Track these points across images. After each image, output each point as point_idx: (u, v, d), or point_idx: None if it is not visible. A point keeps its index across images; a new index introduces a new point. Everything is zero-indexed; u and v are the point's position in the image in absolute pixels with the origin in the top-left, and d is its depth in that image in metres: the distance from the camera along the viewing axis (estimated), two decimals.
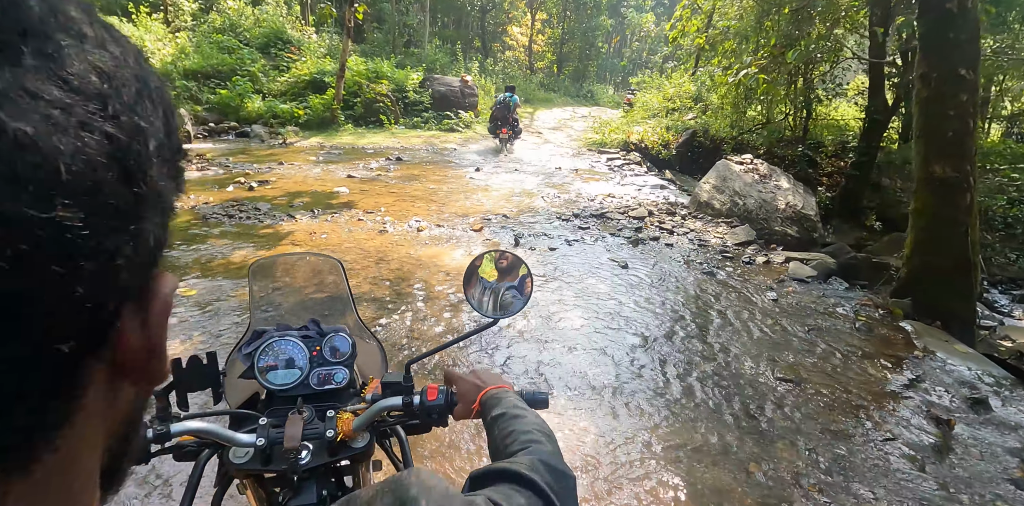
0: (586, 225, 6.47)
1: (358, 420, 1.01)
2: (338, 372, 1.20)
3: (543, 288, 4.55)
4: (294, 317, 1.42)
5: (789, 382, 3.36)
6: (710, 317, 4.25)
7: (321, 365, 1.20)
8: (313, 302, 1.51)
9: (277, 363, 1.16)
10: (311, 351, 1.20)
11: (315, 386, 1.17)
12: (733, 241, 6.31)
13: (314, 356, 1.20)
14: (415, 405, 0.99)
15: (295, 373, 1.16)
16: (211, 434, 0.97)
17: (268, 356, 1.16)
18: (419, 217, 6.36)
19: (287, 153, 10.70)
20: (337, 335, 1.23)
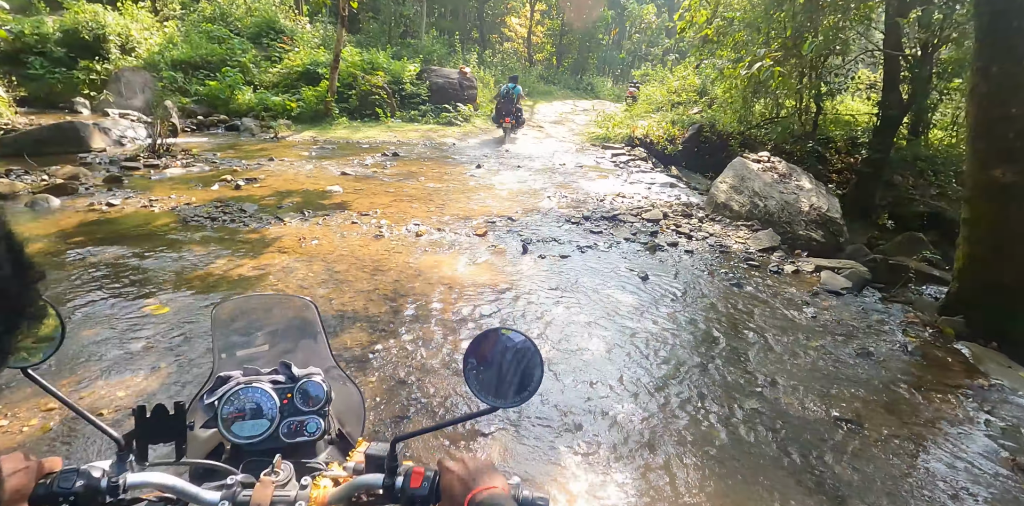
0: (598, 229, 6.00)
1: (334, 494, 0.91)
2: (311, 421, 1.10)
3: (558, 304, 4.09)
4: (263, 361, 1.29)
5: (849, 423, 2.92)
6: (746, 339, 3.79)
7: (293, 414, 1.10)
8: (284, 344, 1.38)
9: (244, 412, 1.07)
10: (281, 399, 1.10)
11: (286, 438, 1.08)
12: (756, 247, 5.85)
13: (285, 404, 1.10)
14: (396, 489, 0.90)
15: (263, 424, 1.07)
16: (172, 489, 0.87)
17: (233, 405, 1.07)
18: (418, 220, 5.88)
19: (278, 148, 10.17)
20: (310, 380, 1.13)
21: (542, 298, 4.16)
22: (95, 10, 13.63)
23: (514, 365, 0.91)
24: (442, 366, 3.19)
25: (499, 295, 4.17)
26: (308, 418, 1.11)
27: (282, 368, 1.17)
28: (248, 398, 1.08)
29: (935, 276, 6.82)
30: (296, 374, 1.15)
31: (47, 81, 12.59)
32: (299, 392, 1.12)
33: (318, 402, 1.12)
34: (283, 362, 1.18)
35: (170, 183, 7.09)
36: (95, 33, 13.28)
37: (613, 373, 3.23)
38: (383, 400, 2.82)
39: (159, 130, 9.07)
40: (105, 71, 13.08)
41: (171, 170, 7.82)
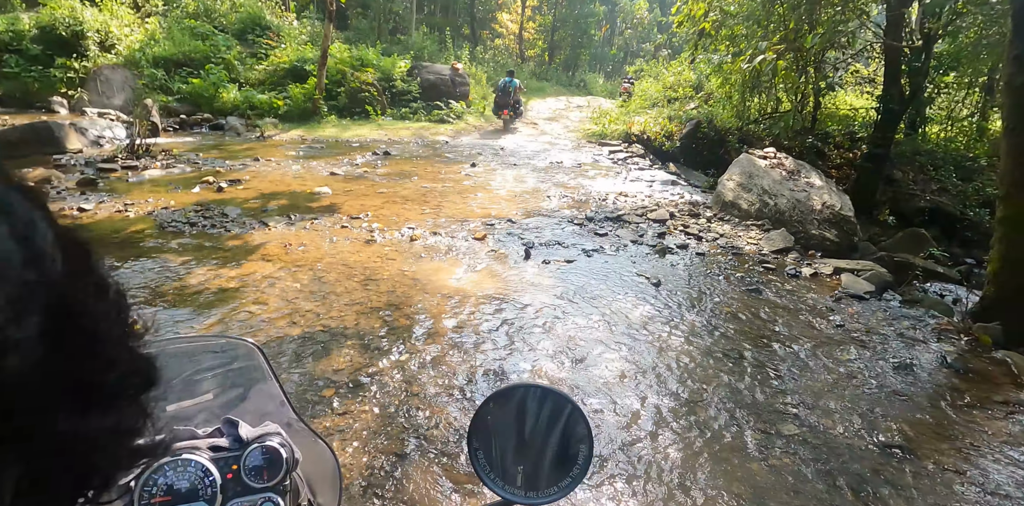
0: (603, 230, 5.68)
1: None
2: (267, 501, 0.77)
3: (566, 316, 3.76)
4: (202, 417, 0.96)
5: (897, 449, 2.62)
6: (774, 352, 3.49)
7: (241, 494, 0.77)
8: (228, 395, 1.02)
9: (173, 494, 0.74)
10: (225, 473, 0.78)
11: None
12: (770, 248, 5.55)
13: (229, 480, 0.77)
14: None
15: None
16: None
17: (156, 485, 0.74)
18: (412, 223, 5.54)
19: (264, 147, 9.78)
20: (263, 444, 0.80)
21: (548, 309, 3.84)
22: (72, 6, 13.13)
23: (545, 440, 0.68)
24: (444, 392, 2.86)
25: (502, 306, 3.84)
26: (262, 497, 0.80)
27: (226, 427, 0.86)
28: (178, 473, 0.77)
29: (940, 273, 6.59)
30: (244, 436, 0.84)
31: (23, 80, 12.12)
32: (249, 460, 0.81)
33: (275, 474, 0.81)
34: (227, 419, 0.87)
35: (148, 185, 6.70)
36: (73, 30, 12.79)
37: (633, 396, 2.91)
38: (379, 432, 2.49)
39: (138, 130, 8.67)
40: (83, 69, 12.61)
41: (150, 171, 7.43)
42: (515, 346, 3.33)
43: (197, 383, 1.06)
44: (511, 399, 0.70)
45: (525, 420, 0.69)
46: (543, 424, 0.69)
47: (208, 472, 0.79)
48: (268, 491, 0.81)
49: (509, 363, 3.14)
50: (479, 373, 3.03)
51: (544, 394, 0.70)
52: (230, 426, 0.87)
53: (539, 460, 0.68)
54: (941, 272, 6.66)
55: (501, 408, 0.71)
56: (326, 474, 1.01)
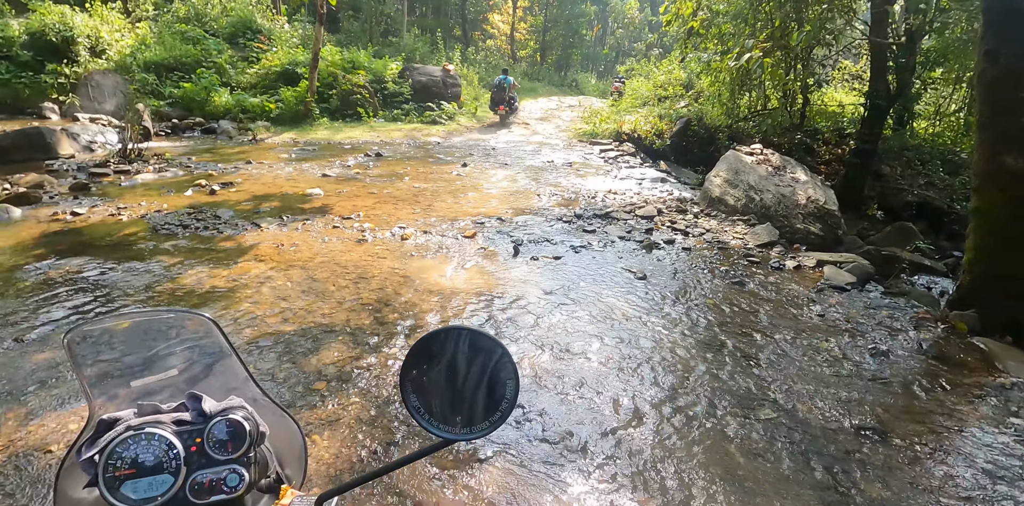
0: (591, 227, 5.77)
1: None
2: (232, 473, 0.82)
3: (553, 310, 3.85)
4: (166, 393, 0.98)
5: (870, 431, 2.71)
6: (754, 341, 3.58)
7: (205, 465, 0.82)
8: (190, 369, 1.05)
9: (138, 466, 0.78)
10: (188, 445, 0.82)
11: (196, 499, 0.79)
12: (755, 242, 5.65)
13: (193, 452, 0.82)
14: None
15: (165, 481, 0.79)
16: None
17: (123, 458, 0.78)
18: (403, 222, 5.61)
19: (257, 150, 9.84)
20: (227, 418, 0.85)
21: (537, 303, 3.92)
22: (62, 11, 13.14)
23: (476, 379, 0.70)
24: None
25: (491, 301, 3.92)
26: (227, 469, 0.83)
27: (190, 402, 0.89)
28: (143, 446, 0.80)
29: (927, 266, 6.70)
30: (208, 409, 0.87)
31: (13, 86, 12.12)
32: (213, 433, 0.84)
33: (239, 445, 0.84)
34: (192, 393, 0.89)
35: (141, 189, 6.76)
36: (63, 35, 12.80)
37: (617, 384, 3.00)
38: (367, 422, 2.57)
39: (130, 134, 8.71)
40: (74, 74, 12.63)
41: (143, 176, 7.48)
42: (502, 338, 3.41)
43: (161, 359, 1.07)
44: (438, 343, 0.71)
45: (455, 362, 0.71)
46: (471, 364, 0.71)
47: (172, 445, 0.81)
48: (232, 463, 0.84)
49: None
50: None
51: (470, 335, 0.71)
52: (194, 401, 0.89)
53: (471, 399, 0.70)
54: (928, 265, 6.77)
55: (429, 352, 0.71)
56: (293, 447, 1.04)
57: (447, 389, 0.70)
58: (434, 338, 0.71)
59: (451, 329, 0.71)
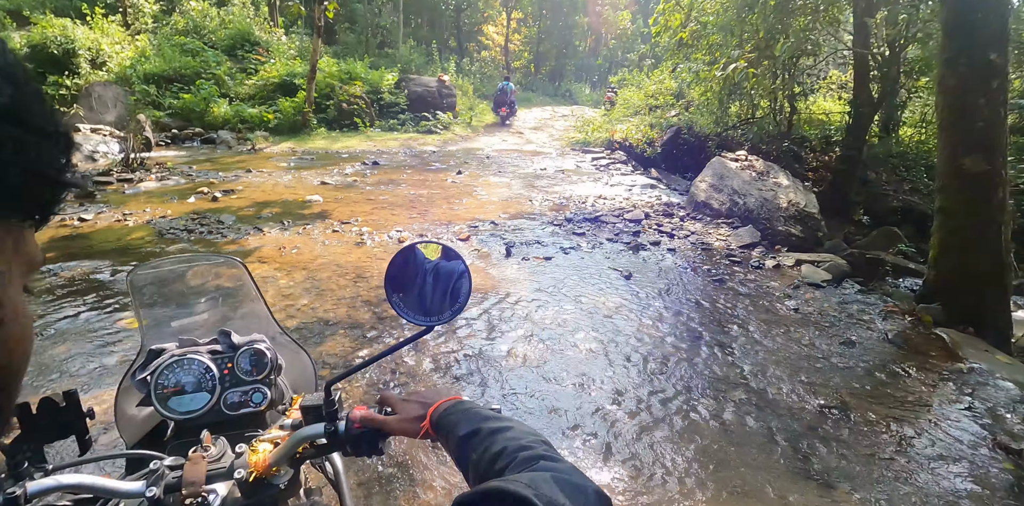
0: (581, 230, 6.01)
1: (275, 453, 0.84)
2: (256, 392, 1.04)
3: (543, 306, 4.08)
4: (200, 331, 1.21)
5: (834, 410, 2.94)
6: (731, 333, 3.81)
7: (236, 385, 1.04)
8: (221, 311, 1.29)
9: (181, 386, 1.00)
10: (221, 369, 1.04)
11: (229, 411, 1.02)
12: (737, 243, 5.90)
13: (225, 375, 1.04)
14: (340, 434, 0.83)
15: (203, 397, 1.00)
16: (86, 488, 0.77)
17: (169, 379, 1.00)
18: (400, 226, 5.84)
19: (256, 160, 10.08)
20: (252, 347, 1.06)
21: (527, 300, 4.15)
22: (63, 24, 13.44)
23: (441, 279, 0.84)
24: (432, 370, 3.16)
25: (483, 298, 4.15)
26: (253, 388, 1.04)
27: (221, 337, 1.09)
28: (185, 370, 1.01)
29: (911, 268, 6.94)
30: (236, 342, 1.08)
31: None
32: (241, 360, 1.05)
33: (262, 370, 1.06)
34: (222, 330, 1.10)
35: (145, 197, 6.97)
36: (64, 48, 13.08)
37: (602, 371, 3.22)
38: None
39: (132, 144, 8.94)
40: (75, 86, 12.88)
41: (145, 184, 7.70)
42: (494, 333, 3.63)
43: (199, 299, 1.30)
44: (415, 254, 0.84)
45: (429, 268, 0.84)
46: (435, 267, 0.83)
47: (209, 369, 1.01)
48: (257, 383, 1.04)
49: (488, 346, 3.44)
50: (461, 355, 3.33)
51: (428, 245, 0.85)
52: (224, 336, 1.08)
53: (437, 294, 0.83)
54: (912, 267, 7.03)
55: (409, 260, 0.84)
56: (305, 376, 1.24)
57: (421, 289, 0.83)
58: (405, 252, 0.84)
59: (415, 244, 0.85)
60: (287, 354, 1.18)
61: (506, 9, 28.96)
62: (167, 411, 0.99)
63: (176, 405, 1.00)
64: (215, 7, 18.21)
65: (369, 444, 0.84)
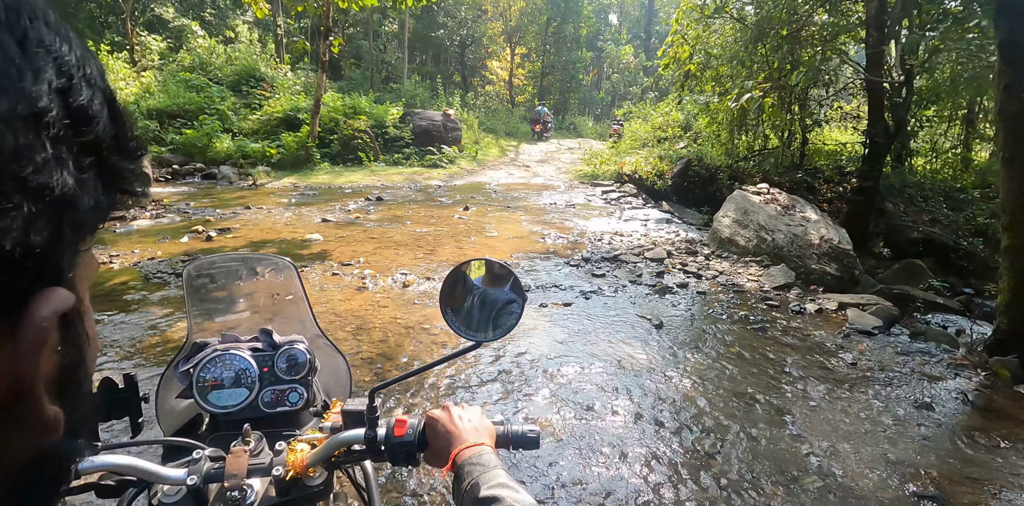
0: (600, 271, 5.56)
1: (313, 455, 0.86)
2: (292, 391, 1.05)
3: (566, 361, 3.59)
4: (242, 328, 1.22)
5: (930, 500, 2.42)
6: (786, 395, 3.31)
7: (273, 383, 1.05)
8: (264, 310, 1.31)
9: (221, 381, 1.02)
10: (261, 367, 1.05)
11: (266, 408, 1.03)
12: (771, 284, 5.44)
13: (265, 373, 1.05)
14: (379, 440, 0.85)
15: (242, 393, 1.02)
16: (132, 470, 0.81)
17: (210, 373, 1.02)
18: (405, 269, 5.41)
19: (256, 195, 9.75)
20: (292, 348, 1.07)
21: (548, 354, 3.67)
22: None
23: (495, 297, 0.87)
24: None
25: (498, 353, 3.67)
26: (290, 387, 1.05)
27: (262, 335, 1.10)
28: (226, 365, 1.02)
29: (940, 304, 6.49)
30: (277, 341, 1.09)
31: None
32: (280, 359, 1.06)
33: (300, 370, 1.06)
34: (263, 329, 1.11)
35: (136, 236, 6.59)
36: None
37: (644, 449, 2.71)
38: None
39: None
40: None
41: (138, 222, 7.34)
42: (514, 397, 3.15)
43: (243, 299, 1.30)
44: (472, 270, 0.87)
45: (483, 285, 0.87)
46: (491, 285, 0.86)
47: (249, 366, 1.01)
48: (294, 383, 1.04)
49: (508, 413, 2.95)
50: None
51: (490, 264, 0.87)
52: (266, 334, 1.08)
53: (490, 310, 0.85)
54: (941, 303, 6.56)
55: (460, 277, 0.87)
56: (340, 379, 1.22)
57: (474, 306, 0.86)
58: (465, 266, 0.87)
59: (479, 259, 0.88)
60: (324, 357, 1.17)
61: (510, 45, 29.28)
62: (206, 404, 1.01)
63: (215, 399, 1.01)
64: (222, 44, 18.33)
65: (407, 454, 0.85)
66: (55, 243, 0.24)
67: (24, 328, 0.23)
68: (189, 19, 19.41)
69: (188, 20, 19.19)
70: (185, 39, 18.65)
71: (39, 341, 0.23)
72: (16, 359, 0.22)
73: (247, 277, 1.32)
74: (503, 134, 21.50)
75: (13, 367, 0.22)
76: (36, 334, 0.23)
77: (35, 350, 0.23)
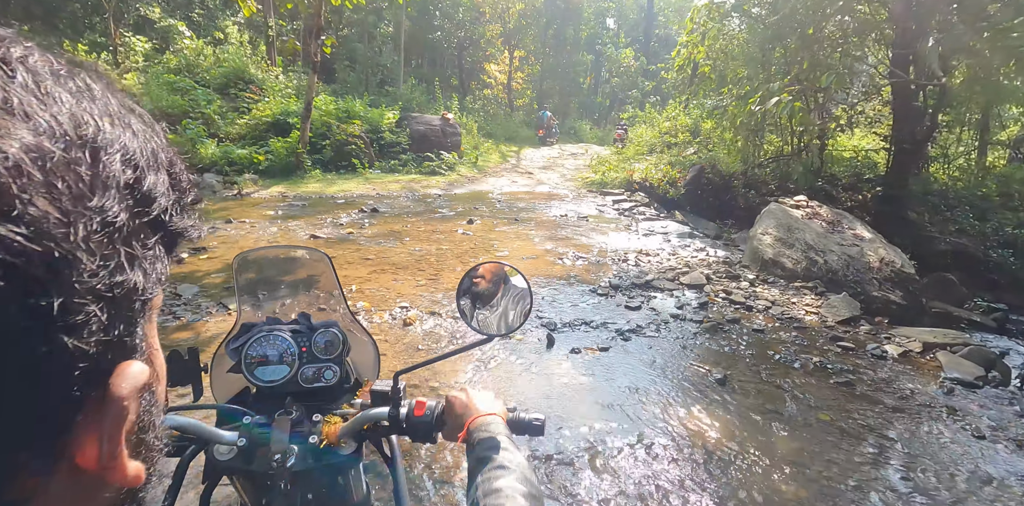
0: (634, 302, 4.74)
1: (344, 428, 0.96)
2: (328, 369, 1.12)
3: (618, 439, 2.77)
4: (284, 311, 1.29)
5: None
6: (918, 485, 2.50)
7: (311, 361, 1.12)
8: (303, 296, 1.37)
9: (266, 358, 1.09)
10: (300, 347, 1.12)
11: (304, 383, 1.10)
12: (834, 318, 4.64)
13: (303, 352, 1.12)
14: (401, 418, 0.94)
15: (283, 369, 1.09)
16: (193, 430, 0.92)
17: (256, 350, 1.09)
18: (405, 300, 4.58)
19: (240, 207, 8.91)
20: (328, 330, 1.15)
21: (595, 432, 2.84)
22: None
23: (506, 296, 1.01)
24: None
25: None
26: (325, 366, 1.11)
27: (301, 318, 1.16)
28: (270, 344, 1.08)
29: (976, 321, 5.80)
30: (314, 324, 1.15)
31: None
32: (316, 341, 1.12)
33: (334, 351, 1.12)
34: (302, 313, 1.18)
35: None
36: None
37: None
38: None
39: None
40: None
41: None
42: (561, 501, 2.32)
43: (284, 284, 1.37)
44: (484, 271, 1.04)
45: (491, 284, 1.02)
46: (502, 285, 1.02)
47: (290, 345, 1.10)
48: (329, 361, 1.12)
49: None
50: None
51: (499, 266, 1.04)
52: (304, 318, 1.17)
53: (501, 309, 1.01)
54: (977, 320, 5.87)
55: (476, 278, 1.03)
56: (369, 360, 1.29)
57: (487, 304, 1.02)
58: (477, 269, 1.04)
59: (490, 262, 1.05)
60: (355, 339, 1.22)
61: (508, 47, 28.53)
62: (253, 378, 1.06)
63: (260, 374, 1.06)
64: (211, 46, 17.49)
65: (425, 432, 0.94)
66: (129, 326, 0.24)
67: (107, 405, 0.23)
68: (176, 19, 18.54)
69: (175, 20, 18.32)
70: (172, 40, 17.80)
71: (121, 417, 0.24)
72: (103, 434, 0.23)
73: (288, 266, 1.38)
74: (503, 139, 20.73)
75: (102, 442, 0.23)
76: (119, 411, 0.23)
77: (119, 425, 0.24)
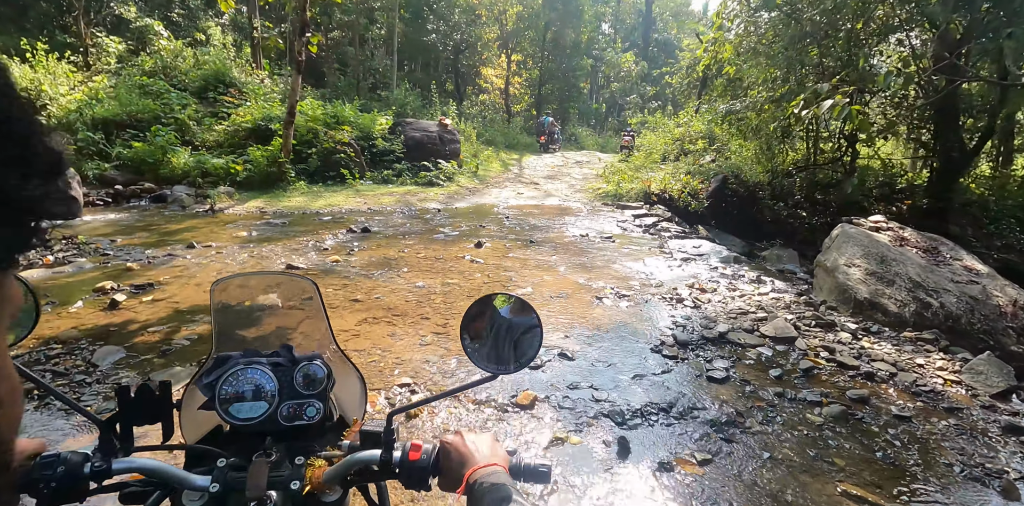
0: (716, 370, 3.50)
1: (329, 472, 0.87)
2: (310, 406, 1.01)
3: None
4: (263, 342, 1.21)
5: None
6: None
7: (292, 397, 1.01)
8: (285, 326, 1.28)
9: (242, 394, 0.98)
10: (280, 382, 1.02)
11: (284, 421, 0.99)
12: (985, 389, 3.44)
13: (283, 388, 1.02)
14: (394, 463, 0.87)
15: (261, 406, 0.98)
16: (160, 473, 0.83)
17: (232, 386, 0.98)
18: (405, 371, 3.33)
19: (209, 226, 7.64)
20: (311, 364, 1.05)
21: None
22: None
23: (513, 330, 0.92)
24: None
25: None
26: (307, 402, 1.00)
27: (283, 350, 1.07)
28: (247, 379, 0.98)
29: None
30: (296, 357, 1.05)
31: None
32: (299, 374, 1.02)
33: (318, 386, 1.02)
34: (284, 344, 1.09)
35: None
36: None
37: None
38: None
39: None
40: None
41: (33, 272, 5.22)
42: None
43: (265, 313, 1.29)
44: (491, 304, 0.94)
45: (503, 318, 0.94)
46: (509, 319, 0.94)
47: (270, 379, 0.99)
48: (312, 398, 1.00)
49: None
50: None
51: (507, 297, 0.95)
52: (286, 350, 1.07)
53: (508, 344, 0.92)
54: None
55: (484, 310, 0.94)
56: (355, 394, 1.21)
57: (493, 338, 0.93)
58: (484, 302, 0.94)
59: (502, 294, 0.95)
60: (340, 373, 1.14)
61: (506, 51, 27.39)
62: (227, 416, 0.96)
63: (236, 411, 0.96)
64: (190, 47, 16.21)
65: (420, 478, 0.85)
66: None
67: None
68: (154, 19, 17.25)
69: (152, 20, 17.03)
70: (148, 41, 16.51)
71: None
72: None
73: (270, 294, 1.26)
74: (503, 146, 19.55)
75: None
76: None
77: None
